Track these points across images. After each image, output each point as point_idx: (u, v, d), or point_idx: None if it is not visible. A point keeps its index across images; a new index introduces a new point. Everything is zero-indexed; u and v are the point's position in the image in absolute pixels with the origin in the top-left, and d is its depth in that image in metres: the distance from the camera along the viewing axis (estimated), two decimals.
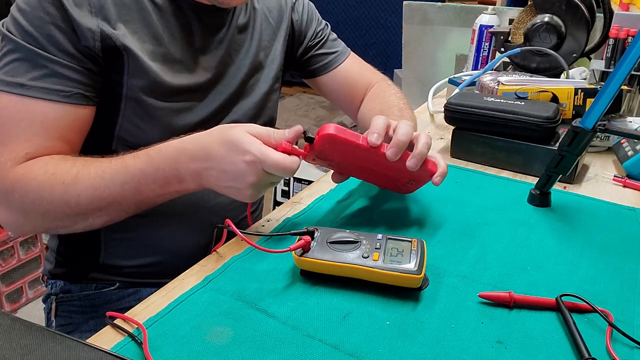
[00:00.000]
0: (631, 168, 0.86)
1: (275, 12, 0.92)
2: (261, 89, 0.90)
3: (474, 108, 0.89)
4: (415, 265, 0.57)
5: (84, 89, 0.70)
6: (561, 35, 1.16)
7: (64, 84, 0.68)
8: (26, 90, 0.67)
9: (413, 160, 0.66)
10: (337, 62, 1.00)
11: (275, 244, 0.67)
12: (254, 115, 0.89)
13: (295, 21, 0.95)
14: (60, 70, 0.68)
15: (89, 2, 0.68)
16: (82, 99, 0.70)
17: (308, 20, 0.98)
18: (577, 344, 0.51)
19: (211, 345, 0.51)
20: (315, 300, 0.57)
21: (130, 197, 0.67)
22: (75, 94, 0.69)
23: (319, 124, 3.51)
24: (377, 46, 3.89)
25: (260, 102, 0.90)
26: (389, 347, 0.51)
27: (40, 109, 0.67)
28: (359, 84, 1.01)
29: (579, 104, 0.94)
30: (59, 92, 0.68)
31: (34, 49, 0.67)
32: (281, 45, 0.93)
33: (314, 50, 0.99)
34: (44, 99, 0.67)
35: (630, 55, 0.65)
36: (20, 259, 1.84)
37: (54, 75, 0.67)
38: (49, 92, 0.67)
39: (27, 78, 0.67)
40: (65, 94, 0.68)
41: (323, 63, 1.00)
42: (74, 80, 0.69)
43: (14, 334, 0.44)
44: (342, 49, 1.03)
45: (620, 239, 0.70)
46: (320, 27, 1.00)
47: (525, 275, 0.63)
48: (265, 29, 0.90)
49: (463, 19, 1.87)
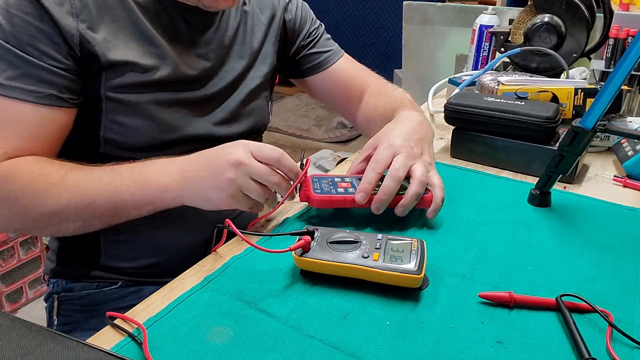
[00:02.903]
0: (631, 168, 0.86)
1: (267, 11, 0.91)
2: (248, 87, 0.88)
3: (474, 108, 0.89)
4: (415, 265, 0.57)
5: (59, 90, 0.69)
6: (561, 35, 1.16)
7: (37, 85, 0.68)
8: (2, 89, 0.67)
9: (400, 209, 0.70)
10: (330, 62, 0.99)
11: (275, 244, 0.67)
12: (239, 113, 0.88)
13: (288, 21, 0.94)
14: (35, 72, 0.67)
15: (70, 2, 0.68)
16: (55, 100, 0.69)
17: (302, 20, 0.97)
18: (577, 344, 0.51)
19: (211, 345, 0.51)
20: (315, 300, 0.57)
21: (106, 199, 0.67)
22: (49, 95, 0.69)
23: (319, 123, 3.51)
24: (377, 46, 3.89)
25: (247, 98, 0.88)
26: (389, 347, 0.51)
27: (16, 108, 0.67)
28: (354, 84, 1.00)
29: (579, 104, 0.94)
30: (32, 93, 0.68)
31: (11, 48, 0.67)
32: (272, 46, 0.92)
33: (306, 49, 0.98)
34: (18, 99, 0.67)
35: (630, 55, 0.65)
36: (20, 259, 1.84)
37: (28, 76, 0.67)
38: (22, 92, 0.67)
39: (4, 77, 0.67)
40: (39, 95, 0.68)
41: (315, 62, 0.98)
42: (48, 81, 0.68)
43: (14, 334, 0.44)
44: (336, 49, 1.01)
45: (620, 239, 0.70)
46: (314, 27, 0.99)
47: (525, 275, 0.63)
48: (257, 31, 0.90)
49: (463, 19, 1.87)
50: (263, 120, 0.94)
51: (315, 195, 0.69)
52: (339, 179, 0.73)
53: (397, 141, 0.72)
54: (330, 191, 0.70)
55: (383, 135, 0.75)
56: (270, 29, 0.92)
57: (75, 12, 0.68)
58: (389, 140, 0.73)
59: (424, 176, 0.70)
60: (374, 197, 0.69)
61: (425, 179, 0.70)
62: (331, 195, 0.69)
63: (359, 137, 3.41)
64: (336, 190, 0.70)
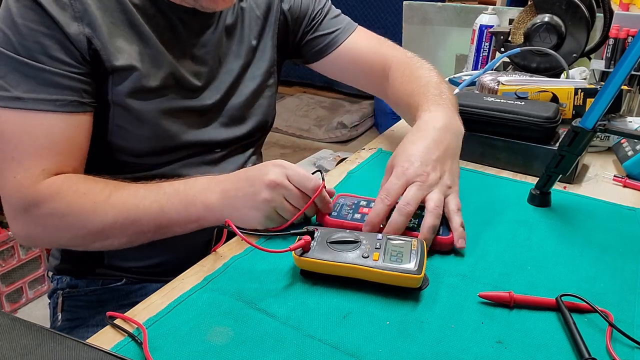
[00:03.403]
0: (631, 168, 0.86)
1: (263, 5, 0.89)
2: (249, 87, 0.88)
3: (474, 108, 0.89)
4: (415, 265, 0.57)
5: (80, 95, 0.69)
6: (561, 35, 1.16)
7: (58, 93, 0.67)
8: (23, 103, 0.66)
9: None
10: (339, 41, 0.92)
11: (275, 244, 0.67)
12: (241, 115, 0.88)
13: (287, 10, 0.91)
14: (52, 79, 0.67)
15: (73, 6, 0.67)
16: (79, 106, 0.69)
17: (303, 6, 0.93)
18: (577, 344, 0.51)
19: (211, 345, 0.51)
20: (315, 300, 0.57)
21: (153, 216, 0.68)
22: (72, 102, 0.68)
23: (319, 123, 3.51)
24: None
25: (248, 101, 0.88)
26: (389, 347, 0.51)
27: (41, 121, 0.67)
28: (372, 61, 0.92)
29: (579, 104, 0.94)
30: (55, 102, 0.67)
31: (22, 59, 0.65)
32: (271, 39, 0.90)
33: (310, 34, 0.93)
34: (41, 111, 0.66)
35: (630, 55, 0.65)
36: (21, 259, 1.84)
37: (46, 85, 0.66)
38: (45, 102, 0.66)
39: (22, 91, 0.65)
40: (62, 103, 0.67)
41: (321, 46, 0.93)
42: (68, 87, 0.68)
43: (14, 334, 0.44)
44: (344, 27, 0.94)
45: (620, 239, 0.70)
46: (318, 8, 0.94)
47: (525, 275, 0.63)
48: (254, 26, 0.88)
49: (463, 19, 1.87)
50: (267, 119, 0.93)
51: (329, 219, 0.69)
52: (364, 203, 0.72)
53: (411, 168, 0.66)
54: (345, 216, 0.69)
55: (399, 156, 0.69)
56: (267, 22, 0.90)
57: (79, 16, 0.67)
58: (403, 165, 0.67)
59: (438, 208, 0.64)
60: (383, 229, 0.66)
61: (440, 210, 0.65)
62: (344, 221, 0.68)
63: (359, 137, 3.41)
64: (352, 216, 0.69)
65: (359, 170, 0.88)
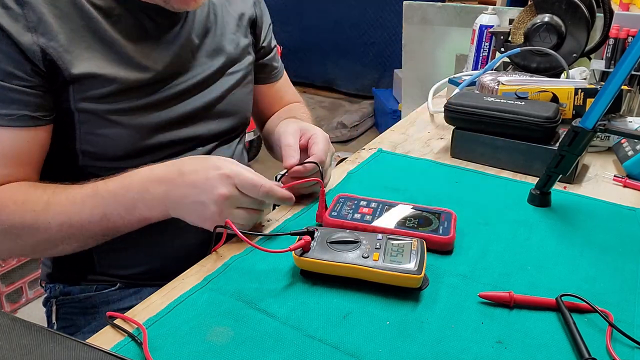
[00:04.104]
0: (631, 168, 0.86)
1: (237, 1, 0.90)
2: (227, 82, 0.86)
3: (474, 108, 0.89)
4: (415, 265, 0.57)
5: (31, 109, 0.67)
6: (561, 35, 1.16)
7: (7, 107, 0.66)
8: None
9: None
10: (277, 77, 1.02)
11: (275, 244, 0.67)
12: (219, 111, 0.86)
13: (259, 17, 0.93)
14: (2, 94, 0.65)
15: (26, 17, 0.65)
16: (29, 120, 0.67)
17: (265, 22, 0.96)
18: (577, 344, 0.51)
19: (211, 345, 0.51)
20: (315, 300, 0.57)
21: (97, 223, 0.67)
22: (22, 116, 0.67)
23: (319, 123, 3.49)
24: (377, 46, 3.89)
25: (225, 96, 0.86)
26: (389, 347, 0.51)
27: None
28: (284, 102, 1.04)
29: (579, 104, 0.94)
30: (4, 117, 0.66)
31: None
32: (244, 36, 0.90)
33: (264, 58, 0.98)
34: None
35: (630, 55, 0.65)
36: (20, 259, 1.84)
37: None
38: None
39: None
40: (11, 118, 0.66)
41: (269, 74, 1.00)
42: (18, 102, 0.66)
43: (14, 334, 0.44)
44: (281, 65, 1.04)
45: (620, 239, 0.70)
46: (271, 34, 0.99)
47: (525, 275, 0.63)
48: (228, 22, 0.87)
49: (463, 19, 1.87)
50: (245, 115, 0.92)
51: (329, 219, 0.69)
52: (364, 203, 0.72)
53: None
54: (345, 216, 0.69)
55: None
56: (242, 20, 0.90)
57: (33, 26, 0.65)
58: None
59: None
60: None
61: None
62: (344, 221, 0.68)
63: (359, 137, 3.41)
64: (352, 216, 0.69)
65: (359, 170, 0.88)
